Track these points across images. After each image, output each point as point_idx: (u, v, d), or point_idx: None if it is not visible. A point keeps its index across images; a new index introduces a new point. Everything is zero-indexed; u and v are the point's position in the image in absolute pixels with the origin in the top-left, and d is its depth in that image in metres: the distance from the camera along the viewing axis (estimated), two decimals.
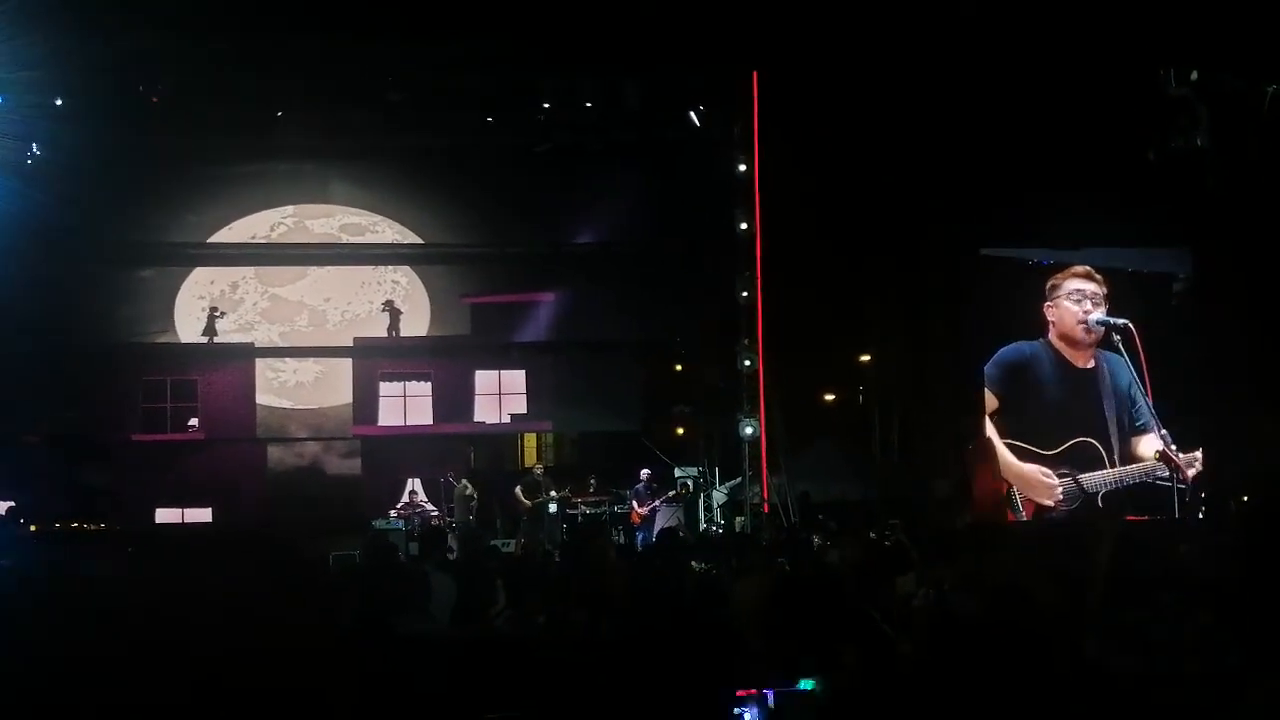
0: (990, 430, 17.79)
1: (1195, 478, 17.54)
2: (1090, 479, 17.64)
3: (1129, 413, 17.78)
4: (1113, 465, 17.74)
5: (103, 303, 24.29)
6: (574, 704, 7.35)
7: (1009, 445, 17.66)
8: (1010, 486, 17.69)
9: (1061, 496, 17.50)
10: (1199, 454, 17.73)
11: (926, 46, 19.81)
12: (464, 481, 22.99)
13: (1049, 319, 17.88)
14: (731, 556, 11.74)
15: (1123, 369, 17.72)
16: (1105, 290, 17.89)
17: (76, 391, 23.50)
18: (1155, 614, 6.23)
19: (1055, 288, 17.92)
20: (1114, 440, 17.76)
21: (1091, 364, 17.78)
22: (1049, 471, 17.54)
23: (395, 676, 7.85)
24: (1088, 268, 17.82)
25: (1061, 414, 17.87)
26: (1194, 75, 16.70)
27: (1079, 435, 17.70)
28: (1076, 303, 17.77)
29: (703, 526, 22.54)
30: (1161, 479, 17.62)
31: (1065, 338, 17.81)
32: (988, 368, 17.99)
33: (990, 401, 17.85)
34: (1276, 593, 6.01)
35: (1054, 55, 18.58)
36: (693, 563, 10.98)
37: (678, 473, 23.48)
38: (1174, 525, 16.15)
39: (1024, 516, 17.58)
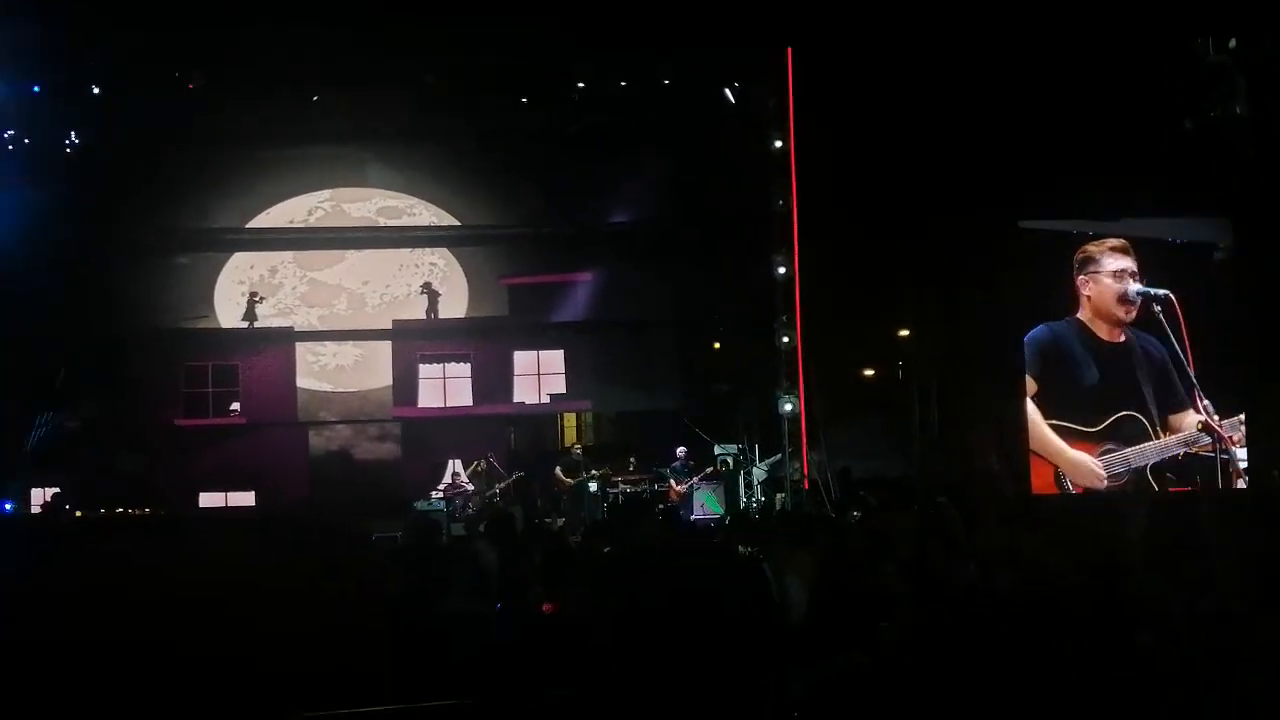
0: (1033, 412, 17.68)
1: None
2: (1137, 452, 17.54)
3: (1166, 387, 17.65)
4: (1157, 438, 17.63)
5: (143, 289, 24.44)
6: (623, 682, 7.38)
7: (1053, 427, 17.55)
8: (1059, 467, 17.60)
9: (1107, 481, 17.40)
10: (1241, 417, 17.61)
11: (962, 19, 19.71)
12: (485, 463, 23.15)
13: (1085, 294, 17.72)
14: (781, 535, 11.68)
15: (1154, 344, 17.59)
16: (1136, 261, 17.75)
17: (119, 377, 23.69)
18: (1177, 588, 6.23)
19: (1090, 260, 17.70)
20: (1154, 413, 17.66)
21: (1123, 338, 17.64)
22: (1097, 461, 17.43)
23: (437, 654, 7.90)
24: (1123, 240, 17.66)
25: (1100, 390, 17.74)
26: (1232, 43, 16.58)
27: (1121, 410, 17.59)
28: (1118, 280, 17.61)
29: (743, 503, 22.55)
30: (1205, 449, 17.53)
31: (1101, 313, 17.65)
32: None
33: (1029, 386, 17.76)
34: None
35: (1091, 24, 18.45)
36: (740, 546, 10.96)
37: (717, 450, 23.46)
38: (1218, 495, 16.12)
39: (1075, 493, 17.49)
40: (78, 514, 20.64)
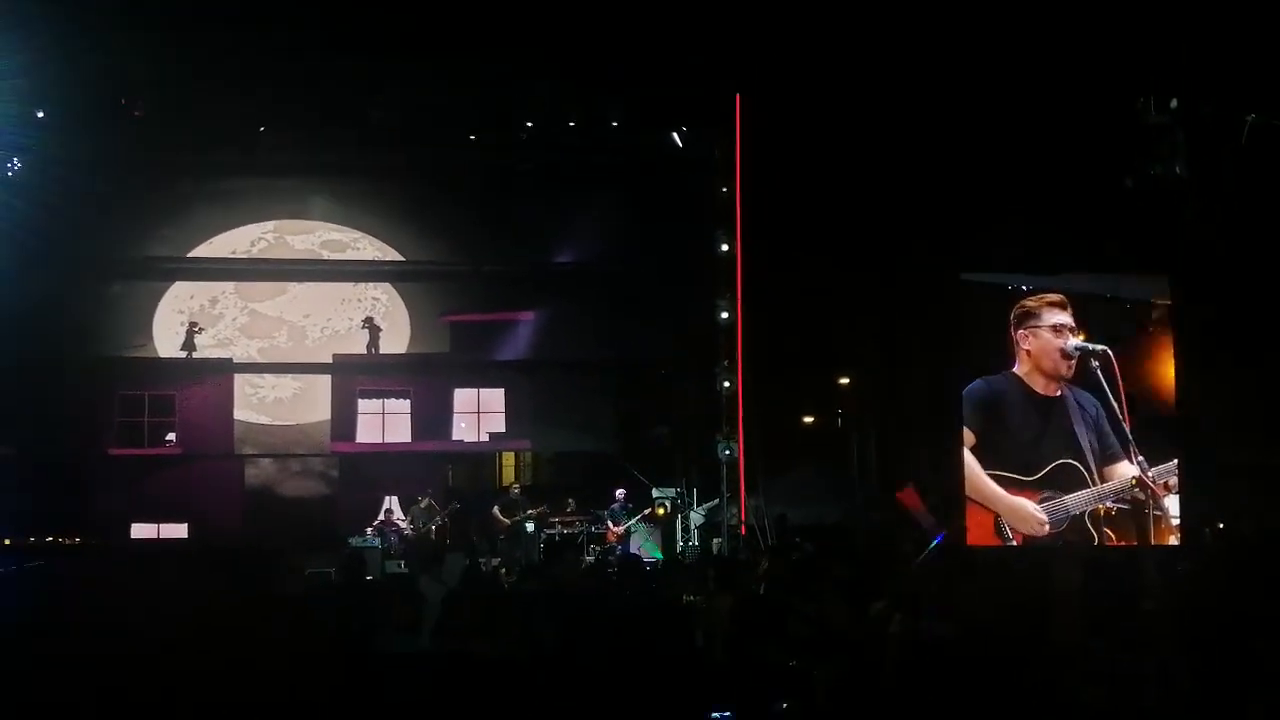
0: (972, 463, 17.77)
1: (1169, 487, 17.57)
2: (1075, 500, 17.64)
3: (1101, 440, 17.79)
4: (1094, 485, 17.76)
5: (81, 316, 24.20)
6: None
7: (992, 476, 17.64)
8: (998, 516, 17.67)
9: (1049, 528, 17.50)
10: (1174, 464, 17.77)
11: (908, 72, 19.90)
12: (427, 500, 23.05)
13: (1024, 348, 17.85)
14: (710, 577, 11.69)
15: (1088, 399, 17.74)
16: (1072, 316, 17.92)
17: (53, 405, 23.41)
18: (1119, 645, 6.27)
19: (1029, 315, 17.81)
20: (1091, 462, 17.78)
21: (1058, 391, 17.79)
22: (1037, 507, 17.53)
23: (368, 692, 7.83)
24: (1062, 295, 17.82)
25: (1037, 442, 17.82)
26: (1173, 103, 16.80)
27: (1059, 458, 17.71)
28: (1058, 335, 17.76)
29: (680, 547, 22.54)
30: (1139, 501, 17.65)
31: (1040, 368, 17.78)
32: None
33: (966, 438, 17.85)
34: (1245, 620, 6.04)
35: (1034, 83, 18.68)
36: (684, 595, 10.98)
37: (655, 493, 23.44)
38: (1147, 551, 16.23)
39: (1015, 543, 17.56)
40: (6, 541, 20.36)
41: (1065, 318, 17.70)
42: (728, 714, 6.54)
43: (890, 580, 9.21)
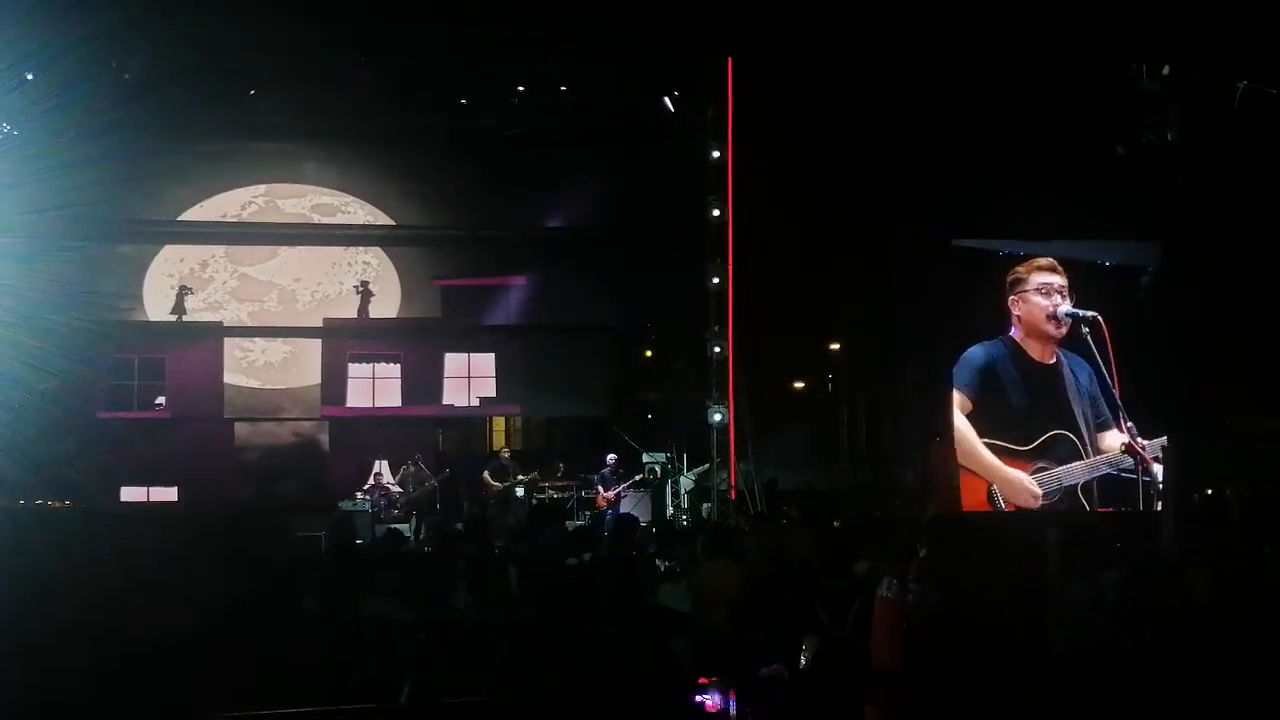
0: (968, 429, 17.76)
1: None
2: (1067, 471, 17.66)
3: (1094, 408, 17.80)
4: (1088, 457, 17.77)
5: (70, 279, 24.12)
6: (534, 691, 7.36)
7: (988, 445, 17.65)
8: (992, 485, 17.70)
9: (1042, 499, 17.52)
10: (1164, 440, 17.79)
11: (900, 37, 19.84)
12: (405, 464, 23.04)
13: (1014, 313, 17.85)
14: (700, 543, 11.65)
15: (1082, 365, 17.74)
16: (1067, 281, 17.89)
17: (41, 367, 23.35)
18: (1096, 597, 6.28)
19: (1019, 281, 17.82)
20: (1085, 432, 17.80)
21: (1054, 359, 17.78)
22: (1031, 480, 17.55)
23: (354, 656, 7.85)
24: (1051, 259, 17.80)
25: (1032, 410, 17.82)
26: (1165, 70, 16.76)
27: (1052, 429, 17.71)
28: (1045, 296, 17.70)
29: (669, 513, 22.56)
30: (1127, 471, 17.67)
31: (1032, 332, 17.77)
32: (955, 371, 17.95)
33: (964, 404, 17.83)
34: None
35: (1026, 48, 18.63)
36: (657, 560, 10.95)
37: (645, 458, 23.46)
38: (1137, 517, 16.29)
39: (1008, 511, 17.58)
40: None
41: (1054, 279, 17.69)
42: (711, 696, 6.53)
43: (875, 543, 9.23)
